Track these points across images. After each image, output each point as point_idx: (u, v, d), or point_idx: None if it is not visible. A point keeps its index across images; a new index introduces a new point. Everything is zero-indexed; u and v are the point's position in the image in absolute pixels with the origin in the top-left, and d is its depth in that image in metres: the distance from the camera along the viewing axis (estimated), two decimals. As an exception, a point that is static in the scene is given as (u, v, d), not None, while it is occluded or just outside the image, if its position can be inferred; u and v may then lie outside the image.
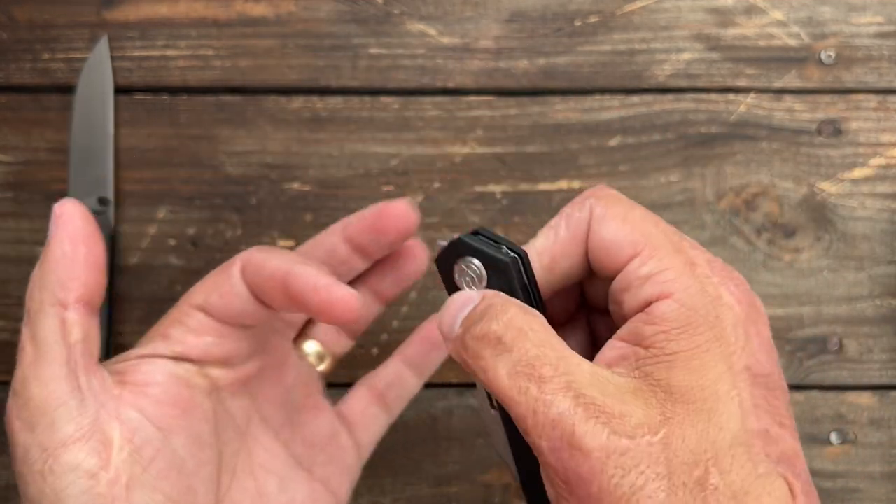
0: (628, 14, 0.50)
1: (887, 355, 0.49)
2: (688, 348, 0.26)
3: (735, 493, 0.25)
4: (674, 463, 0.25)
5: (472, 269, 0.30)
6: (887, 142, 0.50)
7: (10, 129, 0.50)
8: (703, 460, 0.25)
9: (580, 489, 0.25)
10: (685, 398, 0.26)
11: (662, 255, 0.28)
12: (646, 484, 0.25)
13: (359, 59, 0.50)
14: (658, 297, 0.27)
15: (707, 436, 0.26)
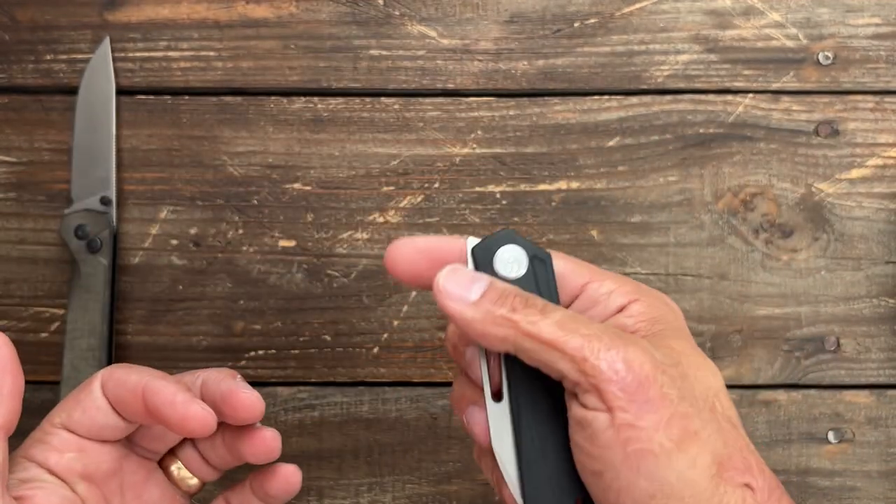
0: (627, 16, 0.50)
1: (884, 354, 0.50)
2: (669, 327, 0.33)
3: (731, 420, 0.32)
4: (694, 390, 0.31)
5: (515, 257, 0.32)
6: (884, 142, 0.50)
7: (13, 129, 0.50)
8: (711, 394, 0.32)
9: (640, 394, 0.30)
10: (683, 352, 0.32)
11: (611, 278, 0.34)
12: (685, 397, 0.30)
13: (359, 61, 0.50)
14: (628, 302, 0.33)
15: (707, 378, 0.32)
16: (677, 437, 0.30)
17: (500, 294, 0.31)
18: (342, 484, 0.49)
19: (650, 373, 0.30)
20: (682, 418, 0.30)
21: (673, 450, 0.30)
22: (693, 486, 0.30)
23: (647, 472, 0.30)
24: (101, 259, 0.49)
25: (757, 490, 0.30)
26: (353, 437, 0.50)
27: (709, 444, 0.30)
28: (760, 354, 0.50)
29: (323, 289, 0.50)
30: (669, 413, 0.30)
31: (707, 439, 0.30)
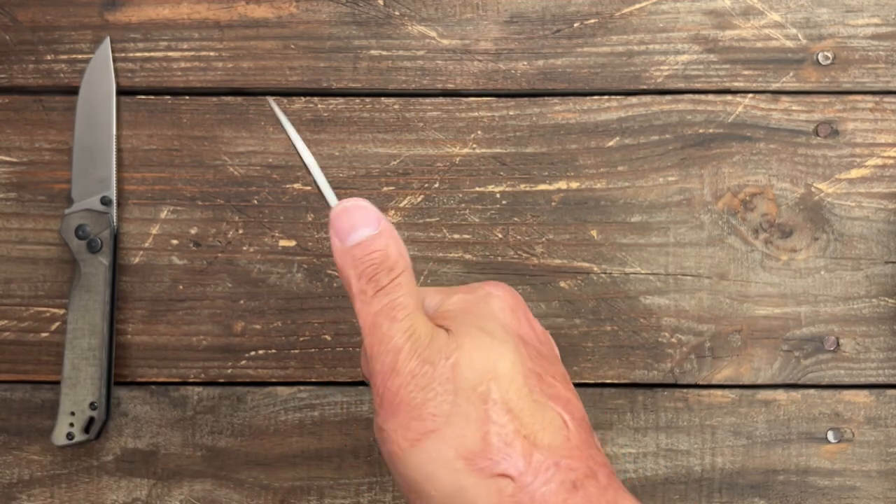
0: (626, 16, 0.50)
1: (884, 354, 0.50)
2: (470, 315, 0.35)
3: (511, 409, 0.32)
4: (460, 381, 0.32)
5: None
6: (884, 142, 0.50)
7: (14, 129, 0.51)
8: (486, 379, 0.33)
9: (388, 403, 0.33)
10: (472, 333, 0.34)
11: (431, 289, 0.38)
12: (436, 397, 0.32)
13: (359, 61, 0.50)
14: (443, 298, 0.37)
15: (489, 360, 0.33)
16: (413, 437, 0.32)
17: (364, 253, 0.34)
18: (342, 483, 0.49)
19: (401, 384, 0.33)
20: (421, 420, 0.32)
21: (408, 449, 0.32)
22: (435, 481, 0.32)
23: (396, 469, 0.33)
24: (102, 259, 0.49)
25: (517, 475, 0.31)
26: (353, 436, 0.50)
27: (453, 440, 0.32)
28: (760, 354, 0.50)
29: (323, 289, 0.50)
30: (409, 417, 0.32)
31: (452, 435, 0.32)
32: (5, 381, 0.50)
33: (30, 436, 0.50)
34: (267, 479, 0.49)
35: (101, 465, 0.50)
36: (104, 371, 0.48)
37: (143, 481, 0.49)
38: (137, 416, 0.50)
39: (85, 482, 0.50)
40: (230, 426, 0.50)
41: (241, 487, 0.49)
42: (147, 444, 0.50)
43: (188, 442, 0.50)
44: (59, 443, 0.48)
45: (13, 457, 0.50)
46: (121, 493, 0.49)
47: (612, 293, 0.50)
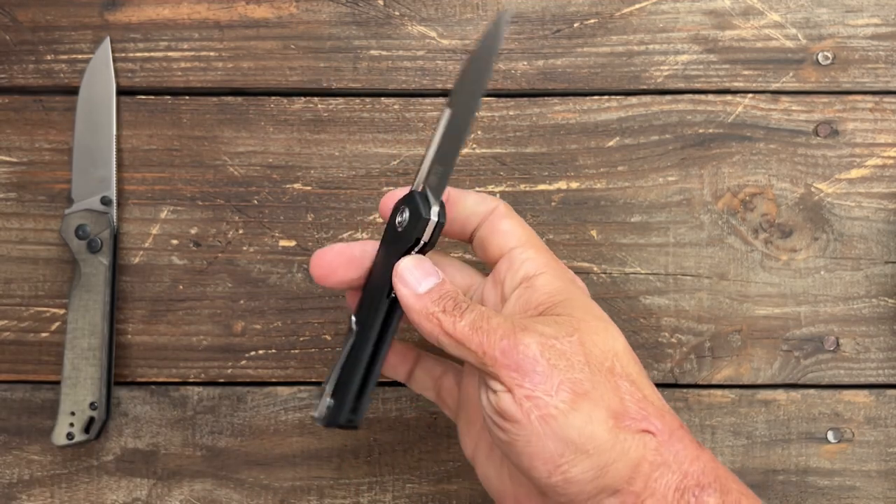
0: (626, 16, 0.50)
1: (884, 354, 0.50)
2: (569, 298, 0.38)
3: (634, 381, 0.36)
4: (590, 356, 0.36)
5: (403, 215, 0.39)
6: (883, 142, 0.50)
7: (14, 129, 0.51)
8: (610, 356, 0.37)
9: (530, 370, 0.35)
10: (585, 318, 0.37)
11: (537, 249, 0.40)
12: (574, 365, 0.35)
13: (360, 61, 0.50)
14: (535, 272, 0.39)
15: (608, 342, 0.37)
16: (569, 398, 0.35)
17: (441, 294, 0.38)
18: (342, 483, 0.49)
19: (536, 351, 0.35)
20: (572, 383, 0.35)
21: (568, 410, 0.35)
22: (594, 439, 0.35)
23: (552, 433, 0.34)
24: (102, 259, 0.49)
25: (657, 432, 0.35)
26: (353, 436, 0.50)
27: (602, 401, 0.35)
28: (760, 354, 0.50)
29: (323, 289, 0.50)
30: (559, 380, 0.35)
31: (600, 397, 0.35)
32: (5, 381, 0.50)
33: (30, 436, 0.50)
34: (267, 478, 0.49)
35: (101, 465, 0.50)
36: (104, 371, 0.48)
37: (144, 481, 0.49)
38: (137, 416, 0.50)
39: (85, 482, 0.50)
40: (230, 426, 0.50)
41: (242, 487, 0.49)
42: (147, 444, 0.50)
43: (188, 442, 0.50)
44: (59, 443, 0.48)
45: (13, 457, 0.50)
46: (121, 493, 0.49)
47: (612, 293, 0.50)
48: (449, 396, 0.44)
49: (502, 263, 0.40)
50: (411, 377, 0.44)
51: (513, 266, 0.40)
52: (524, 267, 0.40)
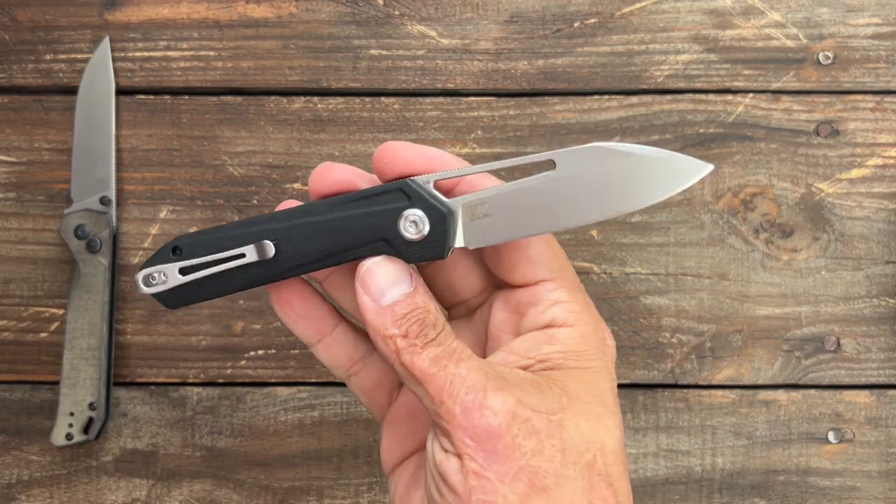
0: (627, 16, 0.50)
1: (885, 354, 0.50)
2: (581, 367, 0.32)
3: (612, 484, 0.31)
4: (568, 443, 0.30)
5: (416, 218, 0.33)
6: (884, 142, 0.50)
7: (13, 129, 0.50)
8: (593, 449, 0.31)
9: (488, 444, 0.29)
10: (579, 398, 0.31)
11: (571, 288, 0.34)
12: (543, 450, 0.30)
13: (359, 61, 0.50)
14: (562, 323, 0.33)
15: (597, 432, 0.31)
16: (523, 491, 0.29)
17: (406, 311, 0.32)
18: (342, 483, 0.49)
19: (503, 423, 0.29)
20: (532, 473, 0.29)
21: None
22: None
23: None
24: (101, 259, 0.49)
25: None
26: (352, 436, 0.50)
27: (563, 502, 0.29)
28: (760, 354, 0.50)
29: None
30: (518, 466, 0.29)
31: (561, 498, 0.29)
32: (4, 381, 0.50)
33: (29, 436, 0.50)
34: (266, 479, 0.49)
35: (101, 466, 0.50)
36: (103, 371, 0.48)
37: (143, 482, 0.49)
38: (137, 417, 0.50)
39: (84, 482, 0.49)
40: (230, 426, 0.50)
41: (241, 488, 0.49)
42: (146, 444, 0.50)
43: (188, 442, 0.50)
44: (58, 443, 0.48)
45: (12, 457, 0.50)
46: (120, 493, 0.49)
47: (613, 293, 0.50)
48: (375, 390, 0.38)
49: (524, 294, 0.34)
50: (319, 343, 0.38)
51: (539, 304, 0.33)
52: (552, 312, 0.33)
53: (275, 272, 0.34)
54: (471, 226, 0.32)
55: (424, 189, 0.33)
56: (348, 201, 0.33)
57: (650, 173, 0.32)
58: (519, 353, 0.33)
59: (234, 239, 0.34)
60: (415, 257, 0.33)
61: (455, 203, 0.33)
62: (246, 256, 0.34)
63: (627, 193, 0.31)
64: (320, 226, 0.34)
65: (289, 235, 0.34)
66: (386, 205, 0.33)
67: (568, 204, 0.31)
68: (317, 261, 0.34)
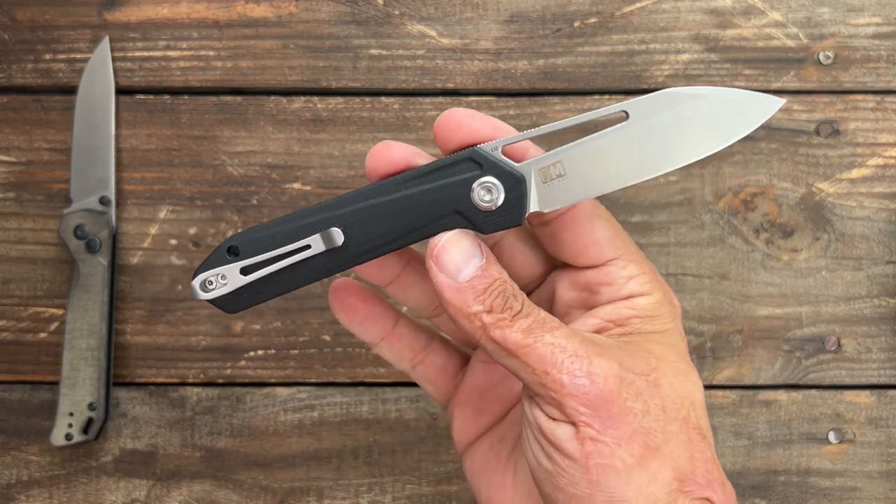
0: (627, 15, 0.50)
1: (885, 354, 0.49)
2: (659, 330, 0.33)
3: (705, 436, 0.32)
4: (666, 401, 0.31)
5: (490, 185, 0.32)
6: (885, 142, 0.50)
7: (12, 129, 0.50)
8: (686, 405, 0.32)
9: (602, 409, 0.30)
10: (665, 358, 0.32)
11: (638, 262, 0.34)
12: (650, 410, 0.30)
13: (359, 60, 0.50)
14: (641, 293, 0.34)
15: (686, 387, 0.32)
16: (639, 452, 0.30)
17: (486, 286, 0.31)
18: (342, 484, 0.49)
19: (614, 387, 0.30)
20: (645, 434, 0.30)
21: (634, 466, 0.30)
22: (651, 502, 0.30)
23: (608, 486, 0.30)
24: (101, 259, 0.49)
25: (717, 502, 0.31)
26: (352, 437, 0.49)
27: (671, 459, 0.30)
28: (761, 354, 0.49)
29: (322, 289, 0.50)
30: (632, 429, 0.30)
31: (669, 454, 0.30)
32: (4, 381, 0.50)
33: (28, 436, 0.50)
34: (266, 479, 0.49)
35: (100, 466, 0.50)
36: (103, 371, 0.48)
37: (142, 482, 0.49)
38: (136, 417, 0.50)
39: (84, 483, 0.49)
40: (229, 427, 0.50)
41: (241, 488, 0.49)
42: (146, 444, 0.50)
43: (187, 442, 0.49)
44: (57, 443, 0.48)
45: (11, 457, 0.50)
46: (119, 493, 0.49)
47: (613, 293, 0.50)
48: (440, 376, 0.39)
49: (595, 275, 0.34)
50: (383, 342, 0.38)
51: (613, 283, 0.34)
52: (628, 287, 0.34)
53: (345, 260, 0.33)
54: (544, 189, 0.32)
55: (495, 156, 0.32)
56: (416, 177, 0.32)
57: (723, 114, 0.31)
58: (599, 317, 0.33)
59: (296, 231, 0.33)
60: (491, 227, 0.32)
61: (527, 166, 0.32)
62: (311, 248, 0.32)
63: (702, 137, 0.31)
64: (389, 206, 0.32)
65: (357, 220, 0.32)
66: (457, 175, 0.32)
67: (644, 154, 0.31)
68: (388, 243, 0.33)
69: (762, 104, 0.31)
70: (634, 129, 0.31)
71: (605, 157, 0.32)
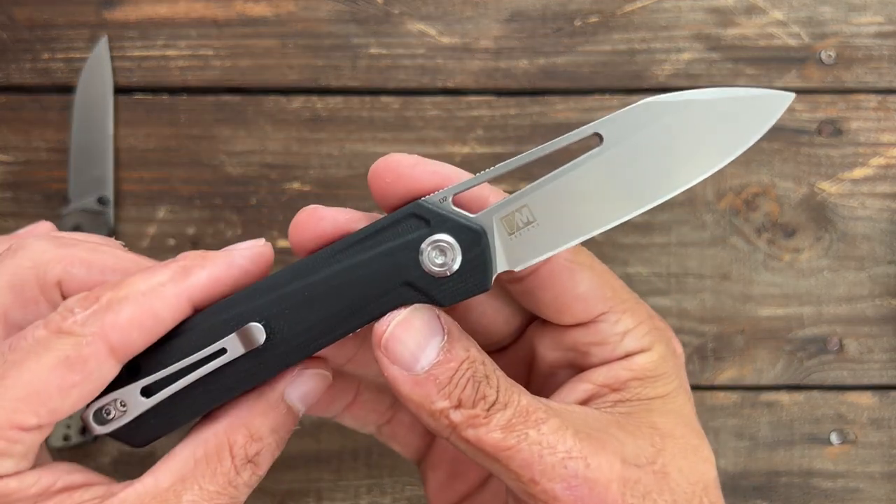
0: (628, 14, 0.50)
1: (887, 355, 0.49)
2: (662, 394, 0.28)
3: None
4: (677, 491, 0.26)
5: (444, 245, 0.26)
6: (887, 142, 0.50)
7: (10, 128, 0.50)
8: (698, 491, 0.27)
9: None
10: (671, 433, 0.27)
11: (633, 311, 0.29)
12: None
13: (359, 59, 0.50)
14: (639, 350, 0.29)
15: (697, 469, 0.27)
16: None
17: (451, 374, 0.25)
18: (341, 485, 0.49)
19: (616, 494, 0.25)
20: None
21: None
22: None
23: None
24: (99, 259, 0.48)
25: None
26: (352, 438, 0.49)
27: None
28: (763, 355, 0.49)
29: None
30: None
31: None
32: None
33: (26, 437, 0.49)
34: (265, 481, 0.49)
35: (99, 468, 0.49)
36: (101, 372, 0.48)
37: (141, 483, 0.49)
38: (135, 418, 0.49)
39: (82, 484, 0.49)
40: (228, 428, 0.49)
41: (240, 490, 0.49)
42: (144, 445, 0.49)
43: (186, 444, 0.49)
44: (55, 445, 0.47)
45: (9, 459, 0.49)
46: (118, 495, 0.49)
47: (614, 293, 0.50)
48: (408, 434, 0.33)
49: (583, 334, 0.29)
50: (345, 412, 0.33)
51: (606, 343, 0.29)
52: (624, 344, 0.29)
53: (271, 362, 0.27)
54: (511, 241, 0.26)
55: (444, 207, 0.26)
56: (351, 245, 0.26)
57: (719, 121, 0.25)
58: (591, 381, 0.29)
59: (207, 333, 0.27)
60: (450, 297, 0.26)
61: (487, 216, 0.26)
62: (228, 351, 0.26)
63: (696, 153, 0.25)
64: (320, 287, 0.26)
65: (281, 309, 0.26)
66: (400, 237, 0.26)
67: (627, 184, 0.25)
68: (325, 334, 0.27)
69: (768, 102, 0.26)
70: (612, 155, 0.26)
71: (580, 195, 0.26)
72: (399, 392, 0.26)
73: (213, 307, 0.27)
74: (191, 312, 0.27)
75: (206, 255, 0.27)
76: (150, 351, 0.27)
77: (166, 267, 0.26)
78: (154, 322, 0.26)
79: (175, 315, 0.26)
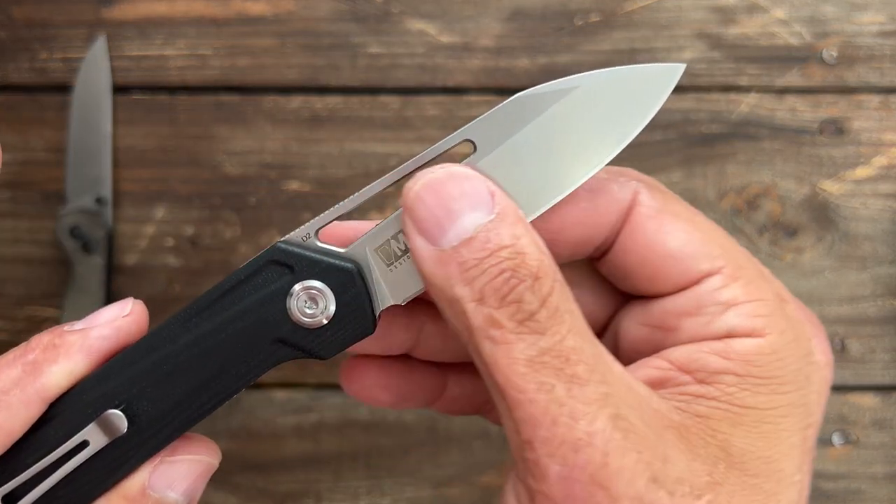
0: (629, 13, 0.50)
1: (890, 356, 0.49)
2: (765, 407, 0.21)
3: None
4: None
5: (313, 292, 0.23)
6: (889, 141, 0.50)
7: (8, 128, 0.50)
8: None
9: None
10: (744, 466, 0.20)
11: (750, 279, 0.22)
12: None
13: (358, 58, 0.50)
14: (746, 332, 0.22)
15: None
16: None
17: (482, 256, 0.19)
18: (340, 487, 0.49)
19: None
20: None
21: None
22: None
23: None
24: (97, 259, 0.48)
25: None
26: (351, 439, 0.49)
27: None
28: (764, 356, 0.49)
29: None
30: None
31: None
32: (-1, 383, 0.50)
33: (23, 439, 0.49)
34: (264, 482, 0.49)
35: None
36: (99, 373, 0.48)
37: (139, 485, 0.49)
38: (133, 419, 0.49)
39: (79, 486, 0.49)
40: (226, 429, 0.49)
41: (238, 491, 0.49)
42: (142, 447, 0.49)
43: (184, 445, 0.49)
44: (53, 446, 0.47)
45: (7, 460, 0.49)
46: (116, 496, 0.49)
47: (615, 294, 0.50)
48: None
49: (675, 302, 0.23)
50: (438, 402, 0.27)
51: (700, 313, 0.22)
52: (725, 318, 0.21)
53: (139, 450, 0.24)
54: (392, 273, 0.22)
55: (308, 246, 0.24)
56: (206, 307, 0.23)
57: (604, 106, 0.22)
58: (666, 359, 0.22)
59: (67, 422, 0.23)
60: (330, 348, 0.24)
61: (359, 249, 0.24)
62: (91, 443, 0.23)
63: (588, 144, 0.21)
64: (180, 355, 0.24)
65: (142, 387, 0.23)
66: (261, 290, 0.23)
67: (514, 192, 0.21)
68: (193, 410, 0.25)
69: (657, 76, 0.23)
70: (487, 163, 0.22)
71: None
72: (420, 270, 0.21)
73: (73, 391, 0.24)
74: (46, 407, 0.24)
75: (58, 343, 0.23)
76: (9, 451, 0.24)
77: (12, 367, 0.23)
78: (2, 435, 0.22)
79: (26, 423, 0.23)
